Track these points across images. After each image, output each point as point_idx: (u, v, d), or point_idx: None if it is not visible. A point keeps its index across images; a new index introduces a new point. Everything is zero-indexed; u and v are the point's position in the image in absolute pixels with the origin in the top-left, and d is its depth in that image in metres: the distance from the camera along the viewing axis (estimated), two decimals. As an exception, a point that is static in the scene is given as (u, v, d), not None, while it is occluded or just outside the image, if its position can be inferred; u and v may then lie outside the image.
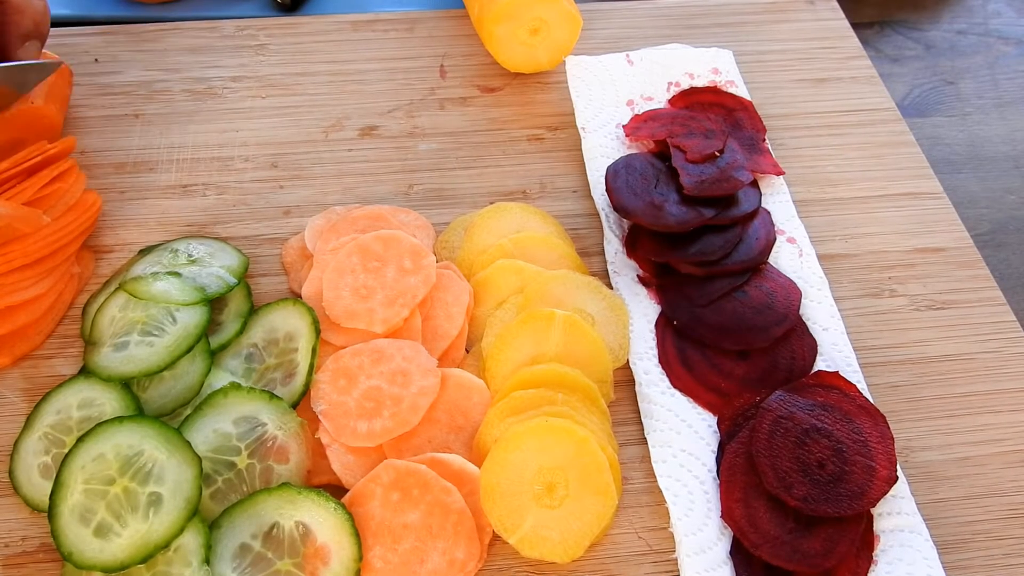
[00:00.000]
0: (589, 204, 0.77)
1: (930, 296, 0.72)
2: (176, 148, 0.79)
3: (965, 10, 1.16)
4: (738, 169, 0.75)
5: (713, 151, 0.76)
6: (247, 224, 0.74)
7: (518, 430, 0.58)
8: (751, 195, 0.75)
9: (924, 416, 0.65)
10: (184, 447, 0.56)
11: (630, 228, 0.74)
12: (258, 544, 0.55)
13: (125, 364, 0.62)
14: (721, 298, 0.68)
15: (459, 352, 0.66)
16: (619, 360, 0.66)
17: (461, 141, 0.81)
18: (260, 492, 0.56)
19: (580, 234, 0.75)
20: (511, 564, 0.58)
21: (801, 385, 0.64)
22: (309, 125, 0.82)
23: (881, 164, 0.82)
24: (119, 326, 0.64)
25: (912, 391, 0.66)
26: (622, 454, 0.63)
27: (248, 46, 0.89)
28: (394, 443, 0.60)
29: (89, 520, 0.54)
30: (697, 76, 0.87)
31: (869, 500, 0.57)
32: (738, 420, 0.63)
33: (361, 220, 0.72)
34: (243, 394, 0.60)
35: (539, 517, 0.57)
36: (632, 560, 0.58)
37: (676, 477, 0.61)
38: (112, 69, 0.86)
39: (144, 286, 0.65)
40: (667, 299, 0.69)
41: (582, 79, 0.87)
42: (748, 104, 0.84)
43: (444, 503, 0.57)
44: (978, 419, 0.65)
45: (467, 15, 0.94)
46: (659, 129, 0.80)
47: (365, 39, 0.90)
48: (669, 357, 0.66)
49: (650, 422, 0.63)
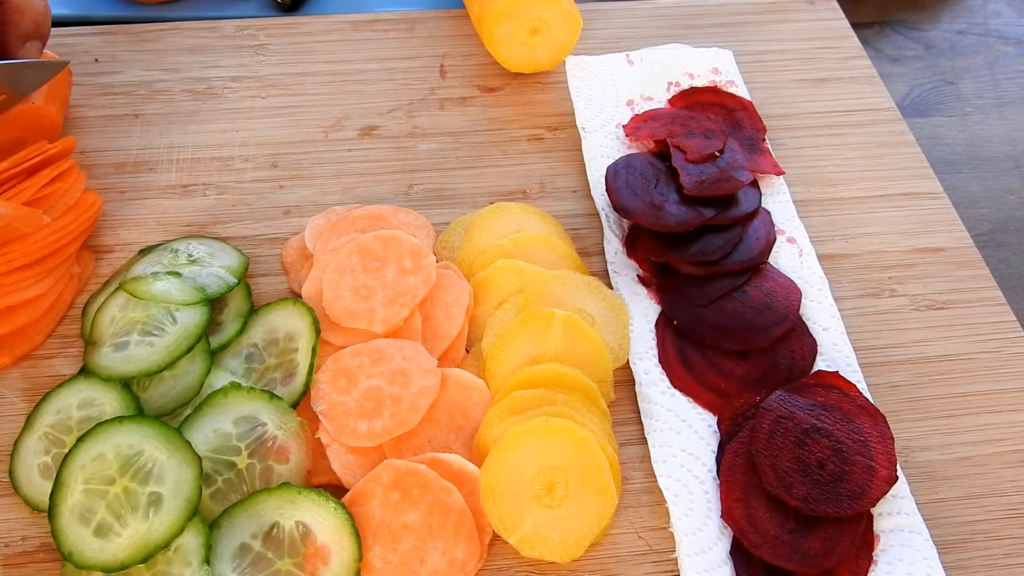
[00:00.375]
0: (589, 204, 0.77)
1: (930, 296, 0.72)
2: (176, 148, 0.79)
3: (965, 10, 1.16)
4: (738, 169, 0.75)
5: (713, 151, 0.76)
6: (247, 224, 0.74)
7: (518, 430, 0.58)
8: (751, 195, 0.75)
9: (924, 416, 0.65)
10: (184, 447, 0.56)
11: (630, 228, 0.74)
12: (258, 544, 0.55)
13: (125, 364, 0.62)
14: (721, 298, 0.69)
15: (459, 352, 0.66)
16: (619, 360, 0.66)
17: (461, 141, 0.81)
18: (260, 492, 0.56)
19: (580, 234, 0.75)
20: (511, 564, 0.58)
21: (801, 385, 0.64)
22: (309, 125, 0.82)
23: (881, 164, 0.82)
24: (119, 326, 0.64)
25: (912, 391, 0.66)
26: (622, 454, 0.63)
27: (248, 46, 0.89)
28: (394, 443, 0.61)
29: (89, 520, 0.54)
30: (697, 76, 0.87)
31: (869, 500, 0.57)
32: (738, 420, 0.63)
33: (361, 220, 0.72)
34: (243, 394, 0.60)
35: (539, 517, 0.57)
36: (632, 560, 0.58)
37: (676, 477, 0.61)
38: (112, 69, 0.86)
39: (144, 286, 0.65)
40: (667, 299, 0.69)
41: (582, 79, 0.87)
42: (748, 104, 0.84)
43: (444, 503, 0.57)
44: (978, 419, 0.65)
45: (467, 15, 0.94)
46: (659, 129, 0.80)
47: (365, 39, 0.90)
48: (669, 357, 0.66)
49: (650, 422, 0.63)
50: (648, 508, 0.60)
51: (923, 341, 0.69)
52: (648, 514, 0.60)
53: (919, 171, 0.81)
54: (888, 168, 0.81)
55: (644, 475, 0.62)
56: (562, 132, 0.83)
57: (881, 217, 0.77)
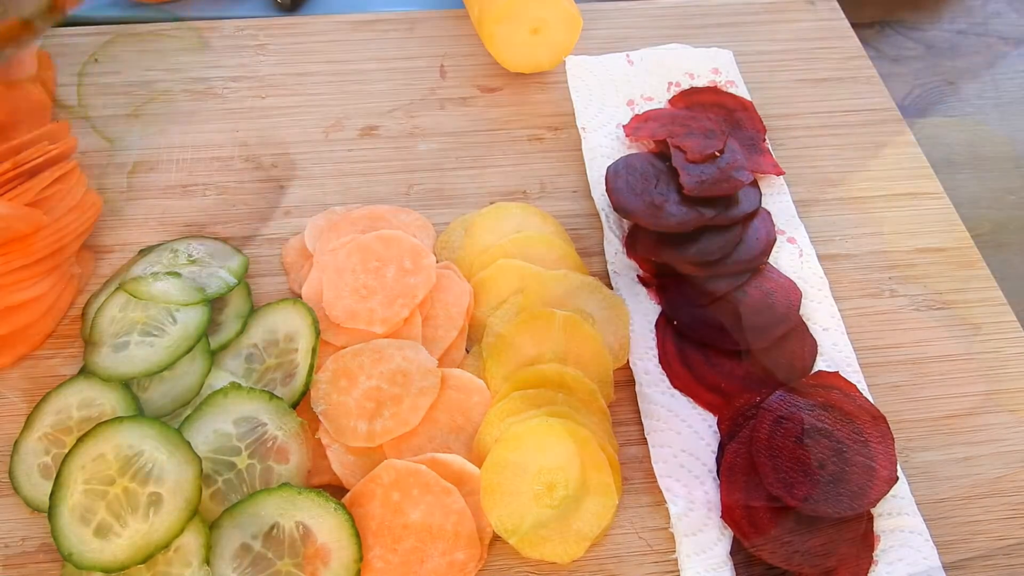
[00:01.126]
0: (589, 204, 0.77)
1: (930, 296, 0.72)
2: (176, 148, 0.79)
3: (965, 10, 1.16)
4: (738, 169, 0.75)
5: (713, 151, 0.76)
6: (247, 224, 0.74)
7: (518, 430, 0.58)
8: (751, 195, 0.75)
9: (924, 416, 0.65)
10: (184, 447, 0.56)
11: (630, 228, 0.74)
12: (258, 544, 0.55)
13: (125, 364, 0.62)
14: (721, 298, 0.69)
15: (459, 352, 0.66)
16: (619, 360, 0.66)
17: (461, 141, 0.81)
18: (260, 492, 0.56)
19: (580, 234, 0.75)
20: (511, 564, 0.58)
21: (801, 385, 0.64)
22: (309, 125, 0.82)
23: (881, 164, 0.82)
24: (119, 326, 0.64)
25: (912, 391, 0.66)
26: (622, 454, 0.63)
27: (248, 46, 0.89)
28: (394, 443, 0.60)
29: (89, 520, 0.54)
30: (697, 76, 0.87)
31: (869, 500, 0.57)
32: (738, 420, 0.63)
33: (361, 220, 0.72)
34: (243, 394, 0.60)
35: (539, 517, 0.57)
36: (632, 560, 0.58)
37: (676, 477, 0.61)
38: (112, 69, 0.86)
39: (144, 286, 0.65)
40: (667, 299, 0.69)
41: (582, 79, 0.87)
42: (748, 104, 0.84)
43: (444, 503, 0.57)
44: (978, 419, 0.65)
45: (467, 15, 0.94)
46: (659, 129, 0.80)
47: (365, 39, 0.90)
48: (669, 357, 0.66)
49: (650, 422, 0.63)
50: (648, 508, 0.60)
51: (923, 341, 0.69)
52: (648, 514, 0.60)
53: (919, 171, 0.81)
54: (888, 168, 0.81)
55: (644, 475, 0.62)
56: (562, 132, 0.83)
57: (881, 217, 0.77)
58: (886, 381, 0.67)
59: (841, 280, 0.73)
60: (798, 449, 0.60)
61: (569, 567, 0.58)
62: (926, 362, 0.68)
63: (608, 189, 0.74)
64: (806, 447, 0.60)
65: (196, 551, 0.54)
